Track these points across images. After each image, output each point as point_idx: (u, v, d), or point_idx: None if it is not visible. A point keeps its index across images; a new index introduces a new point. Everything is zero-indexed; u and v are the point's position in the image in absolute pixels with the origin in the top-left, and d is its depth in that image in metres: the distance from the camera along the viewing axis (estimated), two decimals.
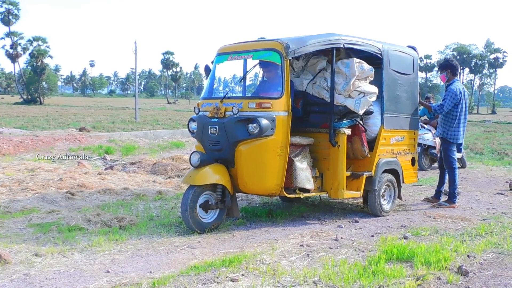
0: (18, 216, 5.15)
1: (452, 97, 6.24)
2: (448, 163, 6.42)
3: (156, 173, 8.31)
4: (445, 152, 6.44)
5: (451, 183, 6.42)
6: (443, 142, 6.48)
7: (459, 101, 6.28)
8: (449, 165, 6.40)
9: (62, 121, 22.63)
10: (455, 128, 6.32)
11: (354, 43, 5.42)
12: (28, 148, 10.45)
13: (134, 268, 3.71)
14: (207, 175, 4.72)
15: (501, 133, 22.20)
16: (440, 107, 6.33)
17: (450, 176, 6.43)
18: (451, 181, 6.41)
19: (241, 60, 5.30)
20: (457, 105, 6.28)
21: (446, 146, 6.42)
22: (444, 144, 6.45)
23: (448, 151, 6.41)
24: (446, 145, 6.42)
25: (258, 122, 4.64)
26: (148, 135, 13.99)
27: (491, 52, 67.72)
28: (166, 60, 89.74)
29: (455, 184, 6.38)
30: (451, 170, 6.40)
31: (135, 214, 5.42)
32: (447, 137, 6.35)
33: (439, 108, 6.35)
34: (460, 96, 6.27)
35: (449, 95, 6.27)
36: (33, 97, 58.01)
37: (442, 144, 6.51)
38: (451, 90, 6.29)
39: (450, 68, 6.46)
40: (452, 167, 6.38)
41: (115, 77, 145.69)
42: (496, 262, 4.06)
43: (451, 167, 6.39)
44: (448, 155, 6.40)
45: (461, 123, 6.34)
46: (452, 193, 6.39)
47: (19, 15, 57.44)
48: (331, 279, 3.49)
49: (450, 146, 6.38)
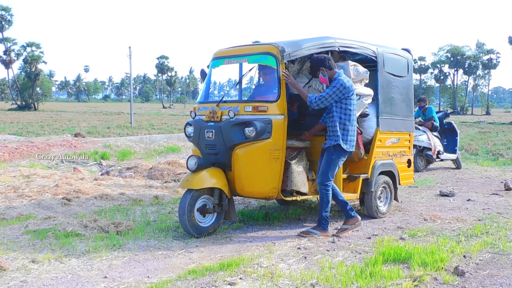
0: (14, 223, 5.13)
1: (339, 88, 4.72)
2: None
3: (153, 178, 8.30)
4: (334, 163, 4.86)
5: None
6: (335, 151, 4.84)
7: (349, 97, 4.82)
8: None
9: (57, 126, 22.55)
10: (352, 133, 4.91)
11: (349, 46, 5.46)
12: (23, 154, 10.40)
13: (132, 273, 3.70)
14: (204, 179, 4.72)
15: (495, 133, 22.31)
16: (317, 99, 4.77)
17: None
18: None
19: (237, 64, 5.32)
20: (346, 101, 4.81)
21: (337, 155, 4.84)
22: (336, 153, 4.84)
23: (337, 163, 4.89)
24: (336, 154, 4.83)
25: (255, 125, 4.66)
26: (144, 140, 13.96)
27: (485, 53, 68.10)
28: (161, 64, 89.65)
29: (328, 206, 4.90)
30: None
31: (132, 219, 5.41)
32: (341, 144, 4.80)
33: (315, 99, 4.77)
34: (351, 91, 4.82)
35: (331, 88, 4.77)
36: (27, 103, 57.69)
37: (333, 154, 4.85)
38: (337, 81, 4.78)
39: (319, 64, 4.87)
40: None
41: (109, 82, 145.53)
42: (492, 262, 4.09)
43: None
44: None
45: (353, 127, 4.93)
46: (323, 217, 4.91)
47: (12, 21, 57.19)
48: (328, 282, 3.50)
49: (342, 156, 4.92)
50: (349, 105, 4.82)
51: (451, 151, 10.61)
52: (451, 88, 71.86)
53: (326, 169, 4.83)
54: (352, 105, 4.84)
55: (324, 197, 4.83)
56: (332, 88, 4.75)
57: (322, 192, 4.84)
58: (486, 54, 68.11)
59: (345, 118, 4.83)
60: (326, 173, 4.82)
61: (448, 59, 70.19)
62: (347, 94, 4.78)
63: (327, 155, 4.86)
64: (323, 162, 4.87)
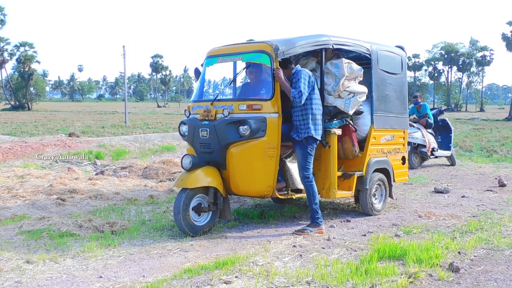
0: (8, 223, 5.10)
1: (303, 77, 4.79)
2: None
3: (147, 177, 8.27)
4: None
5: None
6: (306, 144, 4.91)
7: (313, 86, 4.91)
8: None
9: (51, 126, 22.45)
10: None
11: (343, 44, 5.46)
12: (17, 154, 10.35)
13: (127, 273, 3.69)
14: (199, 178, 4.71)
15: (489, 130, 22.45)
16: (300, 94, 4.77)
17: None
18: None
19: (231, 62, 5.31)
20: (311, 91, 4.89)
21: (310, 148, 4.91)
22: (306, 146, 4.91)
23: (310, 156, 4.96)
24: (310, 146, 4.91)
25: (249, 124, 4.65)
26: (139, 139, 13.92)
27: (478, 50, 68.41)
28: (155, 63, 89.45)
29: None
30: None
31: (127, 219, 5.39)
32: (313, 135, 4.86)
33: (298, 94, 4.75)
34: (312, 79, 4.89)
35: (299, 79, 4.80)
36: (21, 103, 57.42)
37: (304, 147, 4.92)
38: (298, 71, 4.88)
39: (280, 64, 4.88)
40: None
41: (104, 82, 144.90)
42: (487, 258, 4.11)
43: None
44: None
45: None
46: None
47: (4, 21, 56.77)
48: (324, 279, 3.51)
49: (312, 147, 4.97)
50: (314, 95, 4.91)
51: (445, 148, 10.66)
52: (445, 85, 72.21)
53: (304, 163, 4.90)
54: (316, 94, 4.94)
55: (310, 189, 4.92)
56: (299, 79, 4.80)
57: (307, 185, 4.92)
58: (480, 51, 68.45)
59: (314, 109, 4.90)
60: (305, 166, 4.90)
61: (442, 56, 70.49)
62: (312, 82, 4.89)
63: (302, 149, 4.91)
64: (300, 157, 4.93)
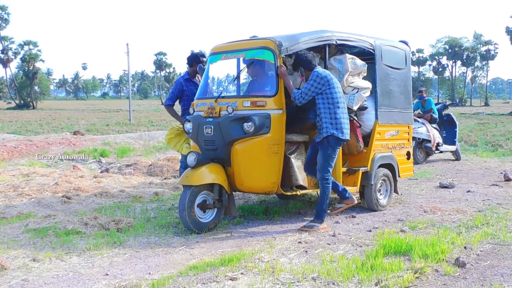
0: (14, 221, 5.13)
1: (315, 80, 4.75)
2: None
3: (152, 174, 8.29)
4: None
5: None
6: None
7: (332, 86, 4.78)
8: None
9: (55, 125, 22.52)
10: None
11: (346, 39, 5.44)
12: (22, 153, 10.39)
13: (133, 270, 3.71)
14: (203, 175, 4.72)
15: (494, 124, 22.32)
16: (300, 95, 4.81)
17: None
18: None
19: (235, 59, 5.30)
20: (330, 90, 4.78)
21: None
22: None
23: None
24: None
25: (253, 120, 4.65)
26: (143, 137, 13.94)
27: (483, 44, 67.97)
28: (159, 61, 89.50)
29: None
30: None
31: (132, 216, 5.41)
32: (334, 133, 4.80)
33: (298, 95, 4.81)
34: (329, 81, 4.79)
35: (309, 81, 4.81)
36: (26, 102, 57.59)
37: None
38: (313, 73, 4.83)
39: (300, 64, 4.97)
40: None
41: (108, 80, 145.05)
42: (493, 253, 4.10)
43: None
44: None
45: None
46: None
47: (8, 20, 56.97)
48: (330, 275, 3.51)
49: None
50: (334, 94, 4.78)
51: (450, 143, 10.61)
52: (450, 80, 71.85)
53: (324, 163, 4.85)
54: (336, 93, 4.80)
55: (326, 190, 4.87)
56: (309, 81, 4.78)
57: (324, 186, 4.87)
58: (484, 45, 68.02)
59: (333, 107, 4.79)
60: (325, 167, 4.85)
61: (446, 51, 70.08)
62: (328, 84, 4.76)
63: (322, 149, 4.85)
64: (320, 157, 4.86)
